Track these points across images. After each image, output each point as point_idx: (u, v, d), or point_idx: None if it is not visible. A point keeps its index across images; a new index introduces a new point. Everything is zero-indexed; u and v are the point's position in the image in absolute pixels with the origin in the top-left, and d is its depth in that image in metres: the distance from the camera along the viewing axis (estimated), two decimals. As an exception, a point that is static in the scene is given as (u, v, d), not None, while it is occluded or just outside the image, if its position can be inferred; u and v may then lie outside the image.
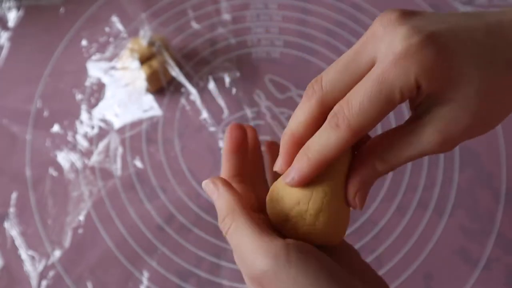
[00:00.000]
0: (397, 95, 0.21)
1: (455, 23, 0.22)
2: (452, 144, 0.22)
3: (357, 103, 0.21)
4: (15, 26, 0.57)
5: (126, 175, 0.48)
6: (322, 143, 0.23)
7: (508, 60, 0.21)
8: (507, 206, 0.45)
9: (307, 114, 0.24)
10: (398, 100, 0.21)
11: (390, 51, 0.21)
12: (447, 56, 0.21)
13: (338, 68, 0.23)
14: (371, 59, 0.22)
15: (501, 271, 0.43)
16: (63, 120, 0.51)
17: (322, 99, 0.23)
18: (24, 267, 0.44)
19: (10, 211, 0.47)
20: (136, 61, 0.49)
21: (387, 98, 0.21)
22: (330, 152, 0.23)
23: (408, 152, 0.22)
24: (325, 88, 0.23)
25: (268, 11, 0.56)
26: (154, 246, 0.45)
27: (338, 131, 0.22)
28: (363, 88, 0.21)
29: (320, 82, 0.23)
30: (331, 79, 0.23)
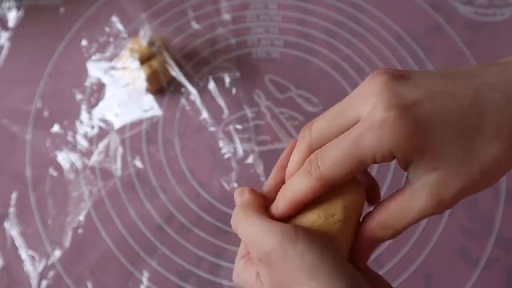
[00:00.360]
0: (370, 159, 0.22)
1: (443, 88, 0.22)
2: (450, 204, 0.22)
3: (330, 157, 0.23)
4: (15, 26, 0.57)
5: (126, 175, 0.48)
6: (295, 187, 0.25)
7: (498, 125, 0.22)
8: (507, 206, 0.45)
9: (299, 155, 0.26)
10: (370, 163, 0.23)
11: (369, 116, 0.22)
12: (425, 129, 0.21)
13: (327, 118, 0.25)
14: (356, 116, 0.23)
15: (501, 271, 0.43)
16: (63, 120, 0.51)
17: (310, 144, 0.25)
18: (24, 267, 0.44)
19: (10, 211, 0.47)
20: (136, 61, 0.49)
21: (359, 159, 0.22)
22: (302, 195, 0.24)
23: (409, 217, 0.23)
24: (313, 134, 0.25)
25: (268, 11, 0.56)
26: (154, 246, 0.45)
27: (310, 178, 0.24)
28: (339, 144, 0.23)
29: (310, 128, 0.25)
30: (319, 127, 0.25)
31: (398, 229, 0.24)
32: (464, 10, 0.55)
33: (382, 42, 0.54)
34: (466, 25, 0.54)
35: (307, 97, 0.51)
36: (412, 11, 0.55)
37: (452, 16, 0.55)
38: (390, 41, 0.54)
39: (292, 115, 0.50)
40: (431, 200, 0.22)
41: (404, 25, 0.55)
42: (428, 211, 0.23)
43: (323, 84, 0.52)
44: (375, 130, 0.22)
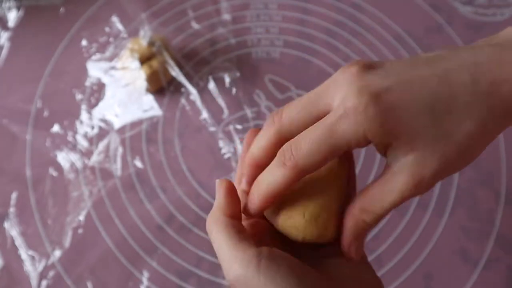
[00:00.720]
0: (344, 145, 0.23)
1: (412, 75, 0.23)
2: (430, 184, 0.23)
3: (305, 146, 0.23)
4: (15, 26, 0.57)
5: (126, 175, 0.48)
6: (269, 180, 0.25)
7: (467, 105, 0.22)
8: (507, 206, 0.45)
9: (266, 141, 0.26)
10: (345, 149, 0.23)
11: (342, 104, 0.23)
12: (397, 114, 0.22)
13: (299, 106, 0.25)
14: (328, 105, 0.24)
15: (501, 271, 0.43)
16: (63, 120, 0.51)
17: (279, 131, 0.25)
18: (24, 267, 0.44)
19: (10, 211, 0.47)
20: (136, 61, 0.49)
21: (334, 147, 0.23)
22: (277, 187, 0.24)
23: (389, 199, 0.23)
24: (283, 121, 0.25)
25: (268, 11, 0.56)
26: (154, 246, 0.45)
27: (285, 169, 0.24)
28: (313, 133, 0.23)
29: (280, 115, 0.25)
30: (290, 115, 0.25)
31: (379, 213, 0.24)
32: (464, 10, 0.55)
33: (382, 42, 0.54)
34: (466, 25, 0.54)
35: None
36: (412, 11, 0.55)
37: (452, 16, 0.55)
38: (390, 41, 0.54)
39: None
40: (411, 179, 0.23)
41: (404, 25, 0.55)
42: (409, 192, 0.23)
43: (323, 84, 0.52)
44: (348, 116, 0.22)
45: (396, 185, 0.23)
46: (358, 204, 0.25)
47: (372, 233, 0.45)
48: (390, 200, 0.23)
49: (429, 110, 0.22)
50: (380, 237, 0.45)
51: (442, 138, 0.22)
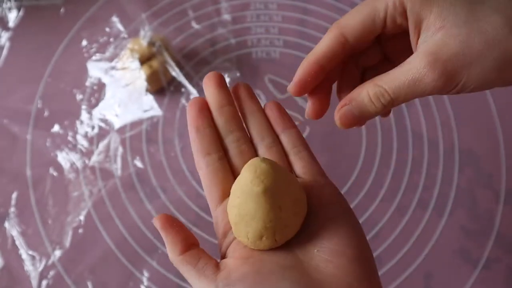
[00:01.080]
0: (382, 9, 0.24)
1: None
2: (444, 68, 0.23)
3: (349, 11, 0.25)
4: (16, 26, 0.57)
5: (126, 175, 0.48)
6: (316, 46, 0.26)
7: (499, 2, 0.23)
8: (507, 206, 0.45)
9: (326, 37, 0.26)
10: (383, 13, 0.24)
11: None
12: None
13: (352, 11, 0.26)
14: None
15: (501, 271, 0.43)
16: (63, 120, 0.51)
17: (338, 25, 0.26)
18: (24, 266, 0.44)
19: (10, 211, 0.47)
20: (136, 61, 0.49)
21: (374, 9, 0.24)
22: (320, 49, 0.26)
23: (400, 77, 0.24)
24: (341, 21, 0.26)
25: (268, 11, 0.56)
26: (154, 246, 0.45)
27: (329, 31, 0.26)
28: (357, 6, 0.25)
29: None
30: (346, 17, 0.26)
31: (383, 89, 0.24)
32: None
33: (382, 42, 0.54)
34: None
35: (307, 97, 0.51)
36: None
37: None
38: (390, 41, 0.54)
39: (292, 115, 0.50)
40: (427, 57, 0.23)
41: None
42: (422, 71, 0.23)
43: (323, 84, 0.52)
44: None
45: (411, 63, 0.23)
46: (373, 79, 0.25)
47: (372, 233, 0.45)
48: (400, 78, 0.23)
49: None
50: (380, 236, 0.45)
51: (471, 22, 0.22)
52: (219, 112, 0.28)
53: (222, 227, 0.26)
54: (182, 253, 0.25)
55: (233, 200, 0.25)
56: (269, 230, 0.24)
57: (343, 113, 0.25)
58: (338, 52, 0.26)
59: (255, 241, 0.24)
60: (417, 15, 0.24)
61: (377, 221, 0.45)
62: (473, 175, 0.47)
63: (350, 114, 0.25)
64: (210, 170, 0.27)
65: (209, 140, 0.28)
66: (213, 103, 0.28)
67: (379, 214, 0.45)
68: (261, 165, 0.23)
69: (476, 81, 0.23)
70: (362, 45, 0.26)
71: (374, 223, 0.45)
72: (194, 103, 0.28)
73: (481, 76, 0.23)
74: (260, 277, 0.23)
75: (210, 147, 0.27)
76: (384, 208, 0.46)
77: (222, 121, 0.28)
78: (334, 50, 0.26)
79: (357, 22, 0.25)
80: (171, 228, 0.26)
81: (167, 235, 0.26)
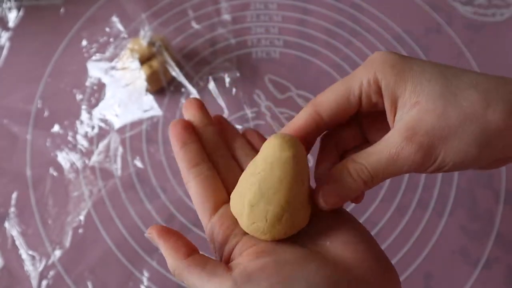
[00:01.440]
0: (357, 85, 0.24)
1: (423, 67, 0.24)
2: (423, 141, 0.22)
3: (325, 90, 0.26)
4: (15, 26, 0.57)
5: (126, 175, 0.48)
6: (292, 120, 0.26)
7: (476, 78, 0.23)
8: (507, 206, 0.45)
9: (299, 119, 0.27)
10: (357, 91, 0.24)
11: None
12: (408, 62, 0.24)
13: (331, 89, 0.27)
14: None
15: (501, 271, 0.43)
16: (63, 120, 0.51)
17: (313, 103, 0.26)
18: (24, 266, 0.44)
19: (10, 211, 0.47)
20: (136, 61, 0.49)
21: (348, 85, 0.25)
22: (294, 125, 0.26)
23: (378, 153, 0.23)
24: (317, 99, 0.26)
25: (268, 11, 0.56)
26: (154, 246, 0.45)
27: (304, 107, 0.26)
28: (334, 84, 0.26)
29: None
30: (323, 95, 0.26)
31: (362, 165, 0.24)
32: (464, 10, 0.55)
33: (382, 42, 0.54)
34: (466, 25, 0.54)
35: (307, 97, 0.51)
36: (412, 11, 0.56)
37: (452, 16, 0.55)
38: (390, 41, 0.54)
39: (292, 115, 0.50)
40: (405, 132, 0.23)
41: (404, 25, 0.55)
42: (400, 147, 0.23)
43: (323, 84, 0.52)
44: (365, 64, 0.24)
45: (390, 140, 0.23)
46: (351, 156, 0.24)
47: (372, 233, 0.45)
48: (377, 155, 0.23)
49: (440, 70, 0.23)
50: (380, 236, 0.45)
51: (447, 96, 0.22)
52: (203, 130, 0.29)
53: (221, 233, 0.25)
54: (187, 257, 0.24)
55: (250, 179, 0.24)
56: (291, 207, 0.23)
57: (325, 193, 0.24)
58: (313, 129, 0.26)
59: (274, 223, 0.24)
60: (392, 93, 0.24)
61: (377, 221, 0.45)
62: (473, 175, 0.47)
63: (332, 193, 0.24)
64: (201, 179, 0.27)
65: (196, 152, 0.27)
66: (196, 123, 0.29)
67: (379, 214, 0.45)
68: (286, 135, 0.24)
69: (454, 156, 0.22)
70: (337, 123, 0.26)
71: (374, 223, 0.45)
72: (177, 123, 0.28)
73: (459, 151, 0.22)
74: (281, 266, 0.22)
75: (198, 158, 0.27)
76: (384, 208, 0.46)
77: (207, 138, 0.28)
78: (309, 128, 0.26)
79: (331, 100, 0.25)
80: (169, 235, 0.25)
81: (166, 242, 0.25)
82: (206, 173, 0.27)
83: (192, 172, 0.27)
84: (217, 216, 0.26)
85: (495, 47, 0.53)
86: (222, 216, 0.26)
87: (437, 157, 0.23)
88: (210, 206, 0.26)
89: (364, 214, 0.45)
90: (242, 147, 0.30)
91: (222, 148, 0.29)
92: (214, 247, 0.26)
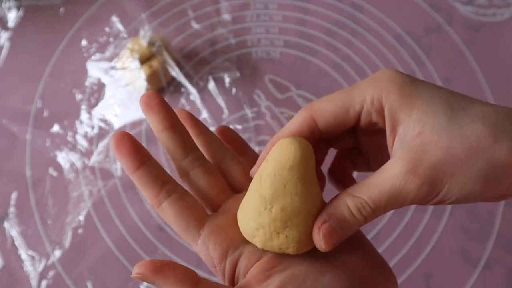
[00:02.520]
0: (358, 103, 0.23)
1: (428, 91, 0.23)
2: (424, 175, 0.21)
3: (326, 96, 0.24)
4: (15, 26, 0.57)
5: (126, 175, 0.48)
6: (288, 124, 0.25)
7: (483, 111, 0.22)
8: (507, 206, 0.45)
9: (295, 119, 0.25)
10: (358, 108, 0.23)
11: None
12: (417, 87, 0.22)
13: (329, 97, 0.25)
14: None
15: (501, 271, 0.43)
16: (63, 120, 0.51)
17: (309, 108, 0.25)
18: (24, 267, 0.44)
19: (10, 211, 0.47)
20: (136, 61, 0.49)
21: (349, 100, 0.23)
22: (289, 129, 0.24)
23: (379, 186, 0.22)
24: (314, 105, 0.25)
25: (268, 11, 0.56)
26: (154, 246, 0.45)
27: (301, 110, 0.24)
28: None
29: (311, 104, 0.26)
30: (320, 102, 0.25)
31: (362, 199, 0.22)
32: (464, 10, 0.55)
33: (382, 42, 0.54)
34: (466, 25, 0.54)
35: (307, 97, 0.51)
36: (412, 11, 0.55)
37: (452, 16, 0.55)
38: (390, 41, 0.54)
39: (292, 115, 0.50)
40: (407, 164, 0.21)
41: (404, 25, 0.55)
42: (402, 179, 0.21)
43: (323, 84, 0.52)
44: (371, 79, 0.23)
45: (392, 172, 0.22)
46: (348, 190, 0.23)
47: (372, 233, 0.45)
48: (379, 186, 0.22)
49: (447, 100, 0.22)
50: (380, 237, 0.45)
51: (452, 129, 0.21)
52: (172, 131, 0.26)
53: (218, 249, 0.24)
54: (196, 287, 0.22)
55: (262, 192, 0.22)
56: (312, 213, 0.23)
57: (325, 232, 0.22)
58: (307, 135, 0.24)
59: (301, 234, 0.22)
60: (395, 117, 0.22)
61: (377, 221, 0.45)
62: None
63: (332, 231, 0.22)
64: (176, 197, 0.24)
65: (158, 170, 0.24)
66: (164, 123, 0.26)
67: (379, 214, 0.45)
68: (297, 138, 0.23)
69: (458, 191, 0.21)
70: (331, 133, 0.25)
71: (374, 223, 0.45)
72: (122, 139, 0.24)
73: (464, 186, 0.21)
74: (300, 283, 0.22)
75: (164, 177, 0.24)
76: (384, 208, 0.46)
77: (178, 140, 0.25)
78: (303, 133, 0.24)
79: (329, 110, 0.24)
80: (166, 269, 0.22)
81: (166, 278, 0.22)
82: (179, 190, 0.25)
83: (162, 194, 0.24)
84: (208, 231, 0.24)
85: (495, 47, 0.53)
86: (213, 230, 0.24)
87: (440, 191, 0.22)
88: (195, 222, 0.24)
89: (364, 214, 0.45)
90: (216, 144, 0.28)
91: (196, 149, 0.26)
92: (212, 265, 0.24)
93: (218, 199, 0.26)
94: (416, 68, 0.52)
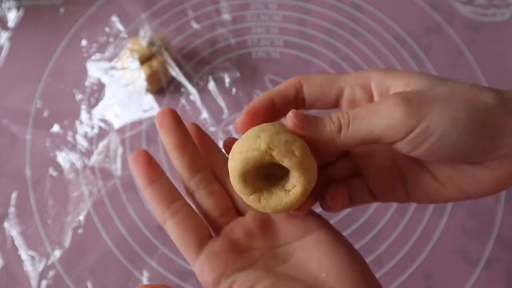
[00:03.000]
0: (342, 79, 0.26)
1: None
2: (403, 98, 0.22)
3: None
4: (15, 26, 0.57)
5: (126, 175, 0.48)
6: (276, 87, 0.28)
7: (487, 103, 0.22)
8: (507, 206, 0.45)
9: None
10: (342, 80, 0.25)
11: None
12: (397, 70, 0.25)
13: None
14: None
15: (501, 271, 0.43)
16: (63, 120, 0.51)
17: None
18: (24, 267, 0.44)
19: (10, 211, 0.47)
20: (136, 61, 0.49)
21: (335, 77, 0.26)
22: (276, 88, 0.27)
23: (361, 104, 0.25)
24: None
25: (268, 11, 0.56)
26: (154, 246, 0.45)
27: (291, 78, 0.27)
28: None
29: None
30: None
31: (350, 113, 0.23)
32: (464, 10, 0.55)
33: (382, 42, 0.54)
34: (466, 25, 0.54)
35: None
36: (412, 11, 0.56)
37: (452, 16, 0.55)
38: (390, 41, 0.54)
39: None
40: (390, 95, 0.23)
41: (404, 25, 0.55)
42: (385, 97, 0.23)
43: (323, 84, 0.52)
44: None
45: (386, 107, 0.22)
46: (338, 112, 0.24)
47: (372, 233, 0.45)
48: (363, 105, 0.24)
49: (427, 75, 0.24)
50: (380, 237, 0.45)
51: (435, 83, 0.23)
52: (181, 152, 0.26)
53: (212, 275, 0.24)
54: None
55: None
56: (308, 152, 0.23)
57: (297, 115, 0.23)
58: (291, 94, 0.27)
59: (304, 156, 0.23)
60: (381, 83, 0.24)
61: (377, 221, 0.45)
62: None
63: (305, 117, 0.23)
64: (180, 217, 0.25)
65: (168, 188, 0.25)
66: (174, 143, 0.26)
67: (379, 214, 0.45)
68: None
69: (440, 121, 0.21)
70: (314, 106, 0.27)
71: (374, 223, 0.45)
72: (139, 157, 0.26)
73: (446, 115, 0.21)
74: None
75: (172, 195, 0.25)
76: (384, 208, 0.46)
77: (186, 161, 0.26)
78: (288, 91, 0.27)
79: (316, 81, 0.26)
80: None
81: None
82: (184, 209, 0.25)
83: (168, 212, 0.25)
84: (204, 256, 0.24)
85: (495, 47, 0.53)
86: (210, 254, 0.24)
87: (422, 118, 0.21)
88: (194, 245, 0.25)
89: (364, 214, 0.45)
90: (222, 163, 0.28)
91: (203, 170, 0.27)
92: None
93: (220, 221, 0.26)
94: (416, 68, 0.52)
